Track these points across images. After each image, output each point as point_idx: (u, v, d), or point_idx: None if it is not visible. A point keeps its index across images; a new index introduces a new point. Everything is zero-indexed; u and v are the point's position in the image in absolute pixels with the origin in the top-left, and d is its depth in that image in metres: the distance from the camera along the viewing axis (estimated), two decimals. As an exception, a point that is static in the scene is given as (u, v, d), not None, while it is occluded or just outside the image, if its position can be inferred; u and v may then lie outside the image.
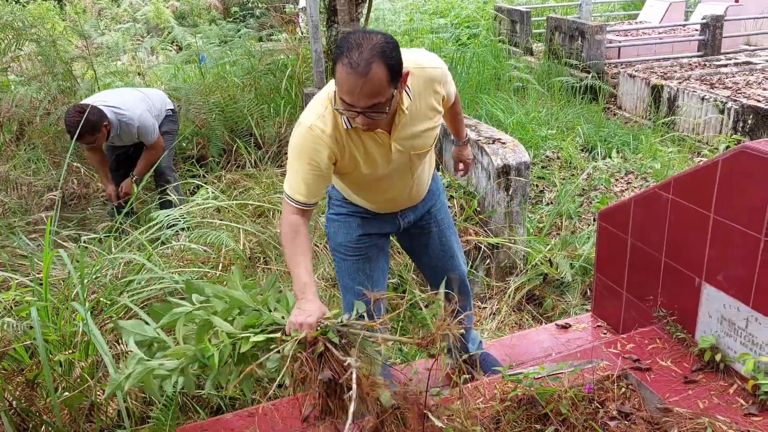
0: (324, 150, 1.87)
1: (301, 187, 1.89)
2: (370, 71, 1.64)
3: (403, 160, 2.04)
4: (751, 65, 7.09)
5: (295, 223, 1.90)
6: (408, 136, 1.98)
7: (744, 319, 2.01)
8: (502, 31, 9.38)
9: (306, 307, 1.68)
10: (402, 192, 2.18)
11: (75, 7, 14.47)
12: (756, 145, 1.90)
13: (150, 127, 3.91)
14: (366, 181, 2.07)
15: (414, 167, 2.12)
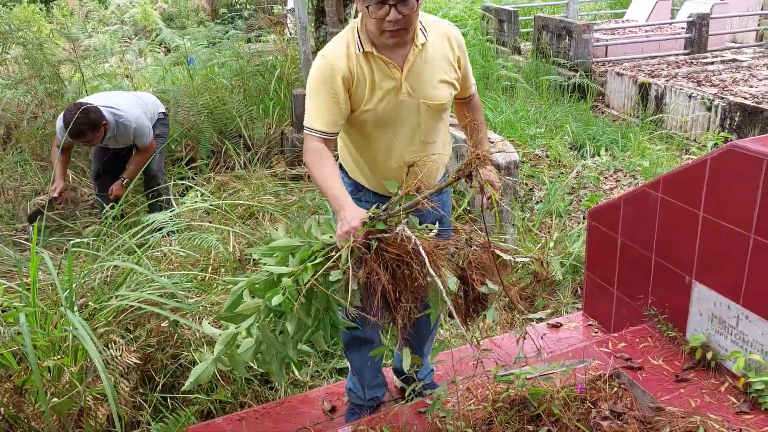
0: (338, 73, 1.88)
1: (320, 116, 1.91)
2: None
3: (412, 108, 1.98)
4: (738, 62, 7.14)
5: (318, 149, 1.91)
6: (420, 77, 1.95)
7: (734, 317, 2.02)
8: (490, 31, 9.40)
9: (345, 215, 1.71)
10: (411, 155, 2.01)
11: (62, 9, 14.37)
12: (744, 144, 1.91)
13: (146, 129, 3.90)
14: (373, 126, 1.99)
15: (423, 123, 2.02)
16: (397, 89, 1.93)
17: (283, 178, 4.84)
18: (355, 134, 2.05)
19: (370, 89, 1.92)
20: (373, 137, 2.02)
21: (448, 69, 2.02)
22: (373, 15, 1.78)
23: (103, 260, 2.79)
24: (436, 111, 2.02)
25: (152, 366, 2.53)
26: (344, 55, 1.90)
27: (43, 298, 2.61)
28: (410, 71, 1.93)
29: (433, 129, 2.06)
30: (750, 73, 6.55)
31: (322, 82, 1.90)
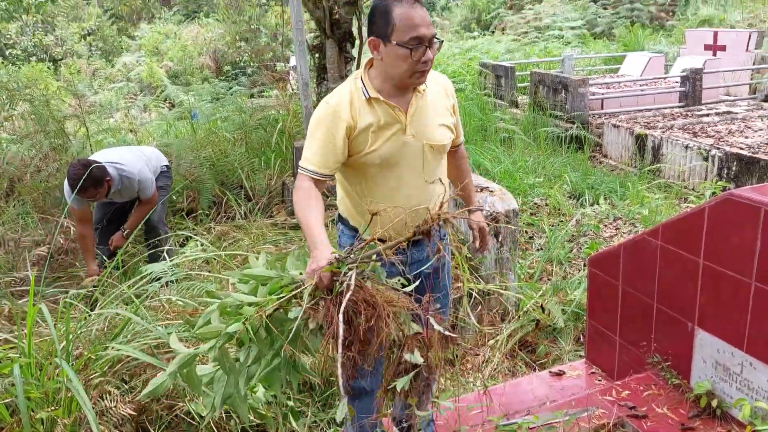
0: (340, 121, 1.97)
1: (316, 157, 1.99)
2: (420, 4, 1.90)
3: (415, 150, 2.05)
4: (732, 114, 7.25)
5: (307, 187, 1.99)
6: (423, 120, 2.05)
7: (739, 364, 1.99)
8: (488, 86, 9.60)
9: (316, 254, 1.75)
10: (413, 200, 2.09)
11: (70, 68, 14.72)
12: (741, 192, 1.92)
13: (149, 182, 3.94)
14: (379, 168, 2.04)
15: (427, 165, 2.09)
16: (402, 131, 2.02)
17: (283, 227, 4.85)
18: (361, 179, 2.10)
19: (374, 132, 2.00)
20: (379, 180, 2.08)
21: (446, 114, 2.14)
22: (414, 57, 1.90)
23: (101, 310, 2.77)
24: (438, 152, 2.12)
25: (147, 417, 2.48)
26: (347, 102, 1.99)
27: (40, 349, 2.58)
28: (414, 114, 2.03)
29: (436, 170, 2.14)
30: (745, 125, 6.65)
31: (323, 126, 1.99)
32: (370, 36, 1.99)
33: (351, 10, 6.84)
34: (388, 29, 1.89)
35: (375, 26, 1.94)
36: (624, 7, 16.52)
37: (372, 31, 1.97)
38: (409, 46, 1.88)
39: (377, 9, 1.92)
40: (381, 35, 1.92)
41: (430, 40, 1.90)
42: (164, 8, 22.89)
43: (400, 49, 1.89)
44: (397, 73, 1.95)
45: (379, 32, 1.92)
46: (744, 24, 12.61)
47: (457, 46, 13.78)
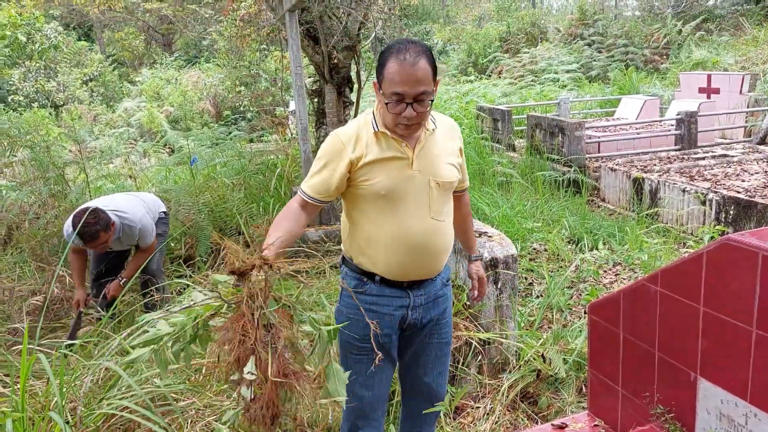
0: (344, 154, 2.06)
1: (311, 180, 2.11)
2: (418, 62, 1.93)
3: (421, 185, 2.09)
4: (728, 158, 7.31)
5: (291, 207, 2.13)
6: (430, 157, 2.11)
7: (743, 415, 1.95)
8: (485, 129, 9.69)
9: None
10: (418, 236, 2.11)
11: (71, 113, 14.89)
12: (738, 237, 1.92)
13: (150, 229, 3.94)
14: (384, 202, 2.08)
15: (433, 201, 2.13)
16: (408, 165, 2.08)
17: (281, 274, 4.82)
18: (369, 211, 2.12)
19: (379, 163, 2.06)
20: (386, 211, 2.10)
21: (453, 154, 2.20)
22: (391, 110, 1.98)
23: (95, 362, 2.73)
24: (445, 189, 2.16)
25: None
26: (354, 137, 2.08)
27: (33, 402, 2.54)
28: (421, 151, 2.09)
29: (442, 207, 2.17)
30: (741, 168, 6.69)
31: (327, 156, 2.09)
32: (374, 79, 2.09)
33: (349, 56, 6.96)
34: (380, 78, 2.01)
35: (376, 71, 2.04)
36: (618, 51, 16.82)
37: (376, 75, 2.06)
38: (389, 99, 1.97)
39: (381, 55, 2.02)
40: (378, 81, 2.03)
41: (414, 97, 1.95)
42: (165, 54, 23.29)
43: (383, 99, 2.00)
44: (386, 119, 2.06)
45: (377, 77, 2.04)
46: (737, 67, 12.82)
47: (454, 89, 13.97)
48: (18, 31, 12.91)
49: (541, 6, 27.08)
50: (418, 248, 2.13)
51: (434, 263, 2.20)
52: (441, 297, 2.29)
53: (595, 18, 18.80)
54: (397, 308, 2.21)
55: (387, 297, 2.19)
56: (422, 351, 2.33)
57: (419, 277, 2.20)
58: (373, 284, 2.18)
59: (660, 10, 19.11)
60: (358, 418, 2.31)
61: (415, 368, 2.36)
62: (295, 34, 5.19)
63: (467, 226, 2.48)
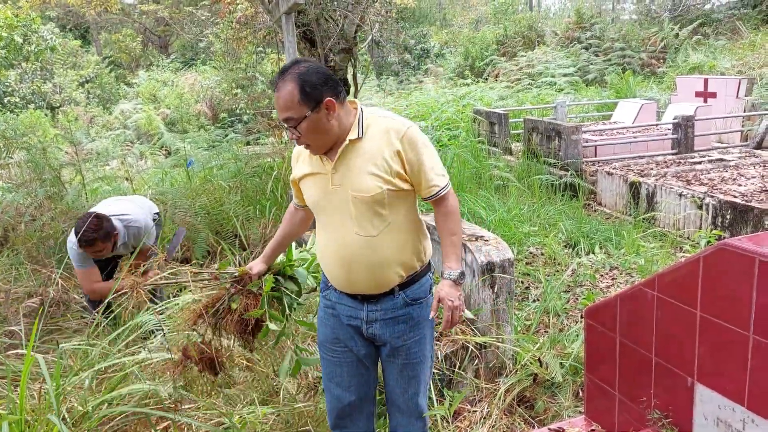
0: (294, 162, 2.29)
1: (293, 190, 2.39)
2: (282, 90, 1.99)
3: (343, 198, 2.07)
4: (725, 162, 7.32)
5: (289, 210, 2.49)
6: (349, 169, 2.06)
7: (740, 421, 1.95)
8: (482, 132, 9.69)
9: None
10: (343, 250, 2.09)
11: (67, 115, 14.86)
12: (735, 242, 1.91)
13: (153, 231, 3.96)
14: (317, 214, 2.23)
15: (359, 216, 2.05)
16: (329, 180, 2.09)
17: (278, 278, 4.81)
18: (317, 224, 2.27)
19: (309, 178, 2.18)
20: (320, 226, 2.22)
21: (379, 163, 2.04)
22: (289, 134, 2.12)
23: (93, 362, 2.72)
24: (366, 203, 2.05)
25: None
26: (298, 152, 2.27)
27: (31, 404, 2.52)
28: (340, 164, 2.07)
29: (367, 223, 2.06)
30: (737, 172, 6.70)
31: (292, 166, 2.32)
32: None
33: (346, 58, 6.97)
34: None
35: None
36: (615, 54, 16.87)
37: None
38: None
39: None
40: None
41: (285, 121, 2.03)
42: (162, 56, 23.27)
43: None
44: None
45: None
46: (734, 71, 12.87)
47: (450, 93, 13.99)
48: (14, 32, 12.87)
49: (538, 9, 27.15)
50: (346, 262, 2.10)
51: (372, 277, 2.11)
52: (403, 316, 2.18)
53: (592, 21, 18.85)
54: (351, 318, 2.20)
55: (343, 305, 2.22)
56: (390, 370, 2.28)
57: (366, 290, 2.14)
58: (333, 290, 2.24)
59: (657, 14, 19.18)
60: (339, 417, 2.32)
61: (388, 384, 2.33)
62: (291, 37, 5.19)
63: (444, 238, 2.20)
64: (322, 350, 2.30)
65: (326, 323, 2.26)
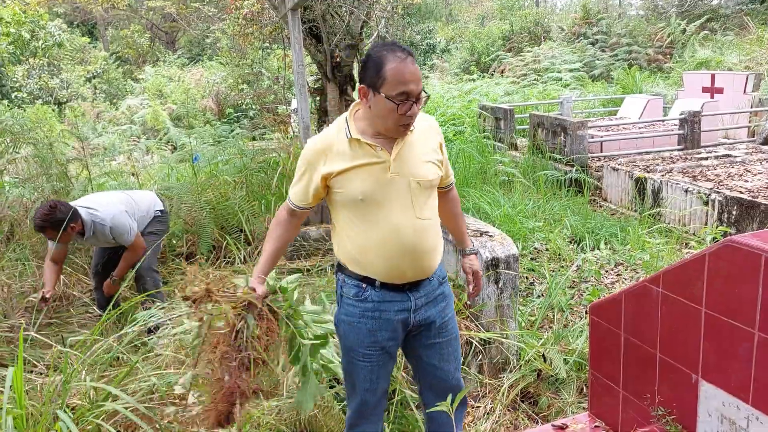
0: (318, 164, 2.10)
1: (294, 188, 2.19)
2: (414, 64, 1.96)
3: (402, 185, 2.09)
4: (731, 158, 7.29)
5: (280, 217, 2.24)
6: (408, 158, 2.10)
7: (745, 418, 1.94)
8: (487, 128, 9.68)
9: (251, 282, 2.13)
10: (407, 237, 2.11)
11: (74, 110, 14.91)
12: (741, 239, 1.90)
13: (124, 227, 3.86)
14: (366, 208, 2.10)
15: (416, 202, 2.12)
16: (386, 169, 2.07)
17: (282, 272, 4.83)
18: (354, 220, 2.13)
19: (355, 170, 2.07)
20: (370, 218, 2.10)
21: (432, 152, 2.19)
22: (400, 111, 1.98)
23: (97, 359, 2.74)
24: (425, 189, 2.16)
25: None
26: (327, 146, 2.10)
27: (36, 398, 2.54)
28: (399, 153, 2.08)
29: (426, 208, 2.16)
30: (744, 168, 6.67)
31: (304, 165, 2.15)
32: (361, 83, 2.05)
33: (352, 54, 6.96)
34: (378, 81, 1.96)
35: (366, 75, 2.01)
36: (622, 50, 16.80)
37: (363, 79, 2.03)
38: (397, 100, 1.96)
39: (371, 58, 2.00)
40: (371, 85, 1.99)
41: (417, 95, 1.98)
42: (169, 52, 23.30)
43: (387, 101, 1.97)
44: (382, 124, 2.04)
45: (369, 82, 2.00)
46: (741, 66, 12.79)
47: (456, 88, 13.96)
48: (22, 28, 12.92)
49: (544, 5, 27.04)
50: (410, 249, 2.12)
51: (428, 262, 2.20)
52: (440, 295, 2.29)
53: (598, 17, 18.77)
54: (400, 311, 2.20)
55: (388, 302, 2.18)
56: (434, 351, 2.32)
57: (416, 277, 2.19)
58: (373, 290, 2.17)
59: (664, 9, 19.07)
60: (360, 417, 2.32)
61: (432, 369, 2.34)
62: (297, 33, 5.18)
63: (458, 221, 2.47)
64: (351, 355, 2.24)
65: (361, 327, 2.19)
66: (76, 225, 3.71)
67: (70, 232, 3.69)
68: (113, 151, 9.47)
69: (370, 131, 2.08)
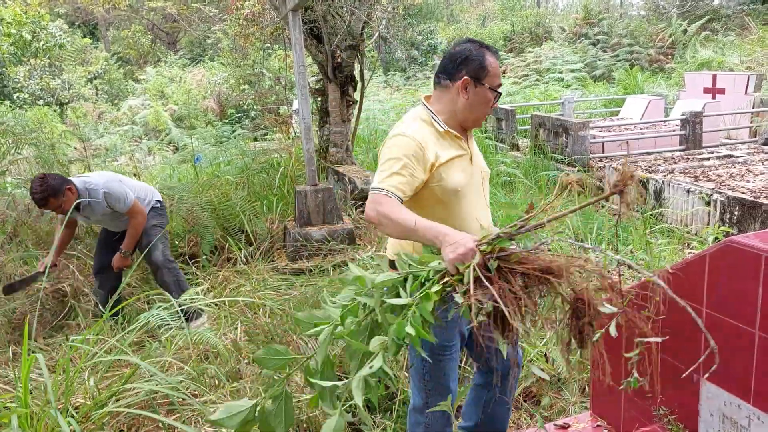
0: (422, 153, 2.04)
1: (392, 180, 1.99)
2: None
3: (476, 176, 2.21)
4: (733, 158, 7.29)
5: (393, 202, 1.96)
6: (475, 150, 2.25)
7: (746, 418, 1.95)
8: (489, 128, 9.68)
9: (456, 239, 1.72)
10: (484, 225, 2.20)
11: (76, 111, 14.92)
12: (741, 239, 1.91)
13: (119, 194, 3.86)
14: (454, 198, 2.12)
15: (485, 192, 2.28)
16: (470, 160, 2.18)
17: (284, 273, 4.84)
18: (439, 212, 2.11)
19: (453, 162, 2.11)
20: (454, 207, 2.13)
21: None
22: (491, 103, 2.14)
23: (100, 357, 2.74)
24: (485, 179, 2.31)
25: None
26: (427, 139, 2.07)
27: (41, 396, 2.55)
28: (471, 145, 2.21)
29: (487, 194, 2.33)
30: (746, 168, 6.67)
31: (405, 158, 2.02)
32: (463, 75, 2.08)
33: (353, 54, 6.97)
34: (482, 73, 2.08)
35: (468, 67, 2.08)
36: (623, 50, 16.80)
37: (465, 71, 2.08)
38: (494, 95, 2.11)
39: (473, 53, 2.09)
40: (475, 77, 2.08)
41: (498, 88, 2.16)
42: (170, 52, 23.32)
43: (489, 92, 2.10)
44: (473, 114, 2.14)
45: (473, 74, 2.08)
46: (742, 67, 12.79)
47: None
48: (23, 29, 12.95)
49: (545, 5, 27.04)
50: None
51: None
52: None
53: (600, 17, 18.77)
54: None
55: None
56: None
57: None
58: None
59: (665, 10, 19.06)
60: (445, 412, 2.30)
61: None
62: (298, 33, 5.19)
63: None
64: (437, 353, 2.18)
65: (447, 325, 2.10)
66: (72, 186, 3.75)
67: (69, 198, 3.73)
68: (115, 151, 9.49)
69: (450, 123, 2.14)
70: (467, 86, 2.08)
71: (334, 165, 6.88)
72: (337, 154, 7.03)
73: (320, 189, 5.32)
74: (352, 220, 5.62)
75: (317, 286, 4.16)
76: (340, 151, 7.05)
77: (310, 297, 4.05)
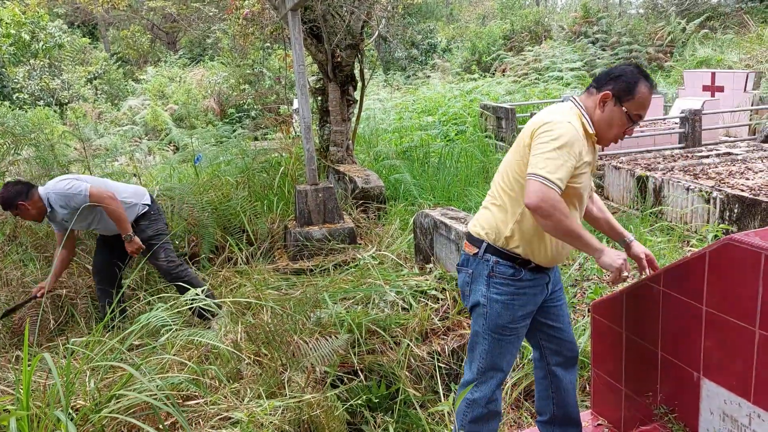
0: (581, 144, 2.15)
1: (561, 172, 2.07)
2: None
3: (588, 189, 2.30)
4: (732, 156, 7.28)
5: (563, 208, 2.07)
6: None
7: (746, 416, 1.95)
8: (488, 127, 9.67)
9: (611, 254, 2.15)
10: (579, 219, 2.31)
11: (75, 111, 14.91)
12: (741, 237, 1.91)
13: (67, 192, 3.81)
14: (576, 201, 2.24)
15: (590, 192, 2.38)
16: (595, 160, 2.31)
17: (285, 273, 4.84)
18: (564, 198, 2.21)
19: (586, 165, 2.19)
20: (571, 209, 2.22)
21: None
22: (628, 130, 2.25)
23: (101, 360, 2.74)
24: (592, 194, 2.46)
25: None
26: (581, 135, 2.17)
27: (40, 398, 2.55)
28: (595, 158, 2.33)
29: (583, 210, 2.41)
30: (745, 166, 6.67)
31: (572, 145, 2.11)
32: (607, 89, 2.19)
33: (353, 54, 6.96)
34: (626, 95, 2.17)
35: (617, 85, 2.17)
36: (622, 49, 16.78)
37: (611, 87, 2.19)
38: (633, 119, 2.19)
39: (628, 74, 2.19)
40: (617, 96, 2.18)
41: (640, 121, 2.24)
42: (170, 52, 23.31)
43: (624, 116, 2.19)
44: (604, 131, 2.24)
45: (617, 92, 2.18)
46: (741, 65, 12.77)
47: (457, 87, 13.95)
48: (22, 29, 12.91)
49: (545, 4, 27.03)
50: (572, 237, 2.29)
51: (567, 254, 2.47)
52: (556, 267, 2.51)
53: (599, 16, 18.75)
54: (543, 287, 2.37)
55: (537, 280, 2.33)
56: (557, 312, 2.49)
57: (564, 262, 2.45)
58: (526, 271, 2.29)
59: (664, 8, 19.04)
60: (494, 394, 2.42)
61: (555, 331, 2.49)
62: (298, 33, 5.19)
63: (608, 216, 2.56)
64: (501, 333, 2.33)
65: (515, 304, 2.30)
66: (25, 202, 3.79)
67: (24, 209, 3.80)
68: (115, 152, 9.46)
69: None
70: (606, 101, 2.20)
71: (334, 164, 6.88)
72: (338, 154, 7.03)
73: (321, 188, 5.33)
74: (352, 219, 5.62)
75: (318, 286, 4.17)
76: (341, 150, 7.05)
77: (311, 297, 4.05)
